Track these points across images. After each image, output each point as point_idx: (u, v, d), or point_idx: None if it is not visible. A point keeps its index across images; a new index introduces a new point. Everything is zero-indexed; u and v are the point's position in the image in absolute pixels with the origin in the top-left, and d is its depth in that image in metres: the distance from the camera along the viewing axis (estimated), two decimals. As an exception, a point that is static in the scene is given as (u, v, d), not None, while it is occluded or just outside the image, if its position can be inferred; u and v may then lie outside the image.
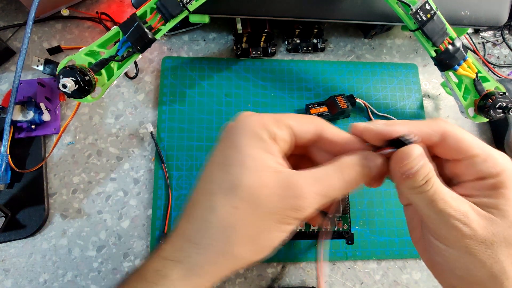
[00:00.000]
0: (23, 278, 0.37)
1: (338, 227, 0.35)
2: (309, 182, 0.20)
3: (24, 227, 0.38)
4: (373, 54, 0.49)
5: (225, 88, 0.44)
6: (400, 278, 0.40)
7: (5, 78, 0.43)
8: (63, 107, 0.43)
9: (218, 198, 0.19)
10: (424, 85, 0.48)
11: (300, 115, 0.23)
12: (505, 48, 0.52)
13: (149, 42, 0.33)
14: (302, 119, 0.23)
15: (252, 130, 0.20)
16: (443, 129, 0.21)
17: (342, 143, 0.22)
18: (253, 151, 0.20)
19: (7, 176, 0.36)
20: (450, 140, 0.21)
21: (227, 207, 0.19)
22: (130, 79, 0.44)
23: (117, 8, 0.47)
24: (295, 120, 0.22)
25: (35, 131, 0.40)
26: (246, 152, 0.20)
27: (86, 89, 0.32)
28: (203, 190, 0.21)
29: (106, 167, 0.41)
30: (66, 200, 0.40)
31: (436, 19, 0.34)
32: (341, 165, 0.21)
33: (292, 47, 0.47)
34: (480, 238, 0.19)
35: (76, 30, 0.46)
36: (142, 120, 0.43)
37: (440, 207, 0.19)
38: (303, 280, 0.39)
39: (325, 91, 0.45)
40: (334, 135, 0.22)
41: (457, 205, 0.20)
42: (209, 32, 0.47)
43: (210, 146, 0.42)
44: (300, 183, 0.19)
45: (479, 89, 0.37)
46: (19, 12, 0.46)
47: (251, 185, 0.19)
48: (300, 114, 0.26)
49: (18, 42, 0.45)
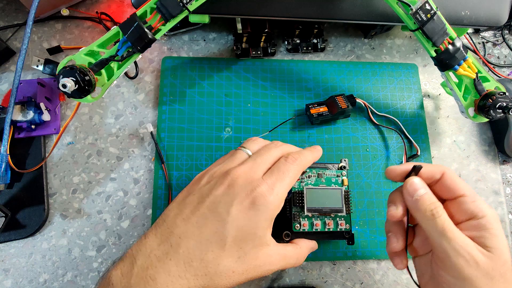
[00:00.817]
0: (23, 278, 0.37)
1: (340, 226, 0.35)
2: (278, 260, 0.28)
3: (24, 227, 0.38)
4: (373, 54, 0.49)
5: (225, 88, 0.44)
6: (400, 278, 0.40)
7: (5, 78, 0.43)
8: (63, 107, 0.43)
9: (225, 262, 0.25)
10: (424, 85, 0.48)
11: None
12: (505, 48, 0.52)
13: (149, 42, 0.33)
14: None
15: (271, 216, 0.27)
16: (443, 170, 0.27)
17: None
18: (264, 231, 0.26)
19: (7, 176, 0.36)
20: (447, 179, 0.27)
21: (229, 271, 0.25)
22: (130, 79, 0.44)
23: (117, 8, 0.47)
24: None
25: (35, 131, 0.40)
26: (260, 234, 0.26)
27: (86, 89, 0.32)
28: (213, 246, 0.25)
29: (106, 167, 0.41)
30: (66, 200, 0.40)
31: (436, 19, 0.34)
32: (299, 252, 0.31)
33: (292, 47, 0.47)
34: (483, 271, 0.23)
35: (76, 30, 0.46)
36: (142, 120, 0.43)
37: (450, 236, 0.24)
38: (303, 280, 0.39)
39: (325, 91, 0.45)
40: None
41: (464, 238, 0.24)
42: (209, 32, 0.47)
43: (210, 146, 0.42)
44: (274, 262, 0.27)
45: (479, 89, 0.37)
46: (19, 12, 0.46)
47: (251, 258, 0.26)
48: None
49: (18, 42, 0.45)
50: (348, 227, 0.35)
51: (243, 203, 0.25)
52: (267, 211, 0.26)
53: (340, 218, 0.35)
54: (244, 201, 0.25)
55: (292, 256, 0.30)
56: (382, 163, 0.43)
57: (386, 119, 0.45)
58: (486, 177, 0.45)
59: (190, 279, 0.23)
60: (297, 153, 0.30)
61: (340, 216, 0.35)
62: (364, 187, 0.42)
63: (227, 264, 0.24)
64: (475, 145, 0.46)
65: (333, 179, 0.36)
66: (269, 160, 0.29)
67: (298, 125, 0.44)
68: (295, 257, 0.30)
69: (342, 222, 0.35)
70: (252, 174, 0.27)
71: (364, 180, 0.42)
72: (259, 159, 0.28)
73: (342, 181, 0.36)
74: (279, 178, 0.27)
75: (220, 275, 0.24)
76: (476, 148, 0.46)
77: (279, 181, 0.27)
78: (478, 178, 0.44)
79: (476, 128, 0.47)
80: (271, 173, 0.28)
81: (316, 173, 0.36)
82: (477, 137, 0.46)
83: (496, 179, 0.45)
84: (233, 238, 0.25)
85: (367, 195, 0.42)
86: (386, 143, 0.44)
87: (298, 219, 0.34)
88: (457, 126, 0.46)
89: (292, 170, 0.28)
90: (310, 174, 0.36)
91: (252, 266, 0.26)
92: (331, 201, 0.35)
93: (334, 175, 0.36)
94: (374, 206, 0.41)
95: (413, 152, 0.43)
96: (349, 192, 0.36)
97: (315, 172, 0.36)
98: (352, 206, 0.36)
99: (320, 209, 0.34)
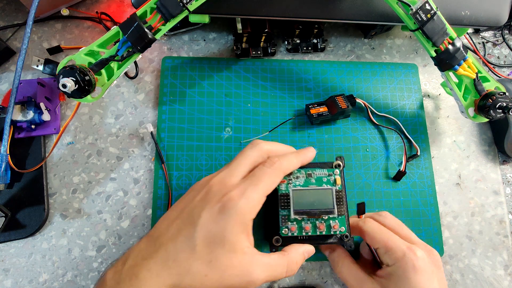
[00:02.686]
0: (23, 278, 0.37)
1: (333, 229, 0.32)
2: (261, 270, 0.27)
3: (24, 227, 0.38)
4: (373, 54, 0.49)
5: (225, 88, 0.44)
6: (400, 278, 0.40)
7: (5, 78, 0.43)
8: (63, 107, 0.43)
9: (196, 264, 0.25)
10: (424, 85, 0.48)
11: None
12: (505, 48, 0.52)
13: (149, 42, 0.33)
14: None
15: (242, 220, 0.26)
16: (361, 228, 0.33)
17: None
18: (236, 236, 0.26)
19: (7, 176, 0.36)
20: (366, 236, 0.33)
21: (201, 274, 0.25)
22: (130, 79, 0.44)
23: (117, 8, 0.47)
24: None
25: (35, 131, 0.40)
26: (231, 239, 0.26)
27: (86, 89, 0.32)
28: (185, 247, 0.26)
29: (106, 167, 0.41)
30: (66, 200, 0.40)
31: (436, 19, 0.34)
32: (288, 259, 0.29)
33: (292, 47, 0.47)
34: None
35: (76, 30, 0.46)
36: (142, 120, 0.43)
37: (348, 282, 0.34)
38: (303, 280, 0.39)
39: (325, 91, 0.45)
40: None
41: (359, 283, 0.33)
42: (209, 32, 0.47)
43: (210, 146, 0.42)
44: (255, 272, 0.26)
45: (479, 89, 0.37)
46: (19, 12, 0.46)
47: (223, 263, 0.25)
48: None
49: (18, 42, 0.45)
50: (343, 230, 0.32)
51: (213, 208, 0.26)
52: (236, 215, 0.26)
53: (333, 220, 0.32)
54: (214, 206, 0.26)
55: (279, 265, 0.28)
56: (382, 163, 0.43)
57: (386, 119, 0.45)
58: (486, 177, 0.45)
59: (165, 277, 0.25)
60: (277, 156, 0.30)
61: (333, 218, 0.32)
62: (364, 187, 0.42)
63: (198, 266, 0.25)
64: (475, 145, 0.46)
65: (325, 179, 0.33)
66: (246, 165, 0.29)
67: (298, 125, 0.44)
68: (283, 266, 0.28)
69: (336, 225, 0.32)
70: (227, 180, 0.28)
71: (364, 180, 0.42)
72: (234, 164, 0.29)
73: (334, 180, 0.33)
74: (252, 182, 0.27)
75: (192, 276, 0.25)
76: (476, 148, 0.46)
77: (252, 185, 0.27)
78: (478, 178, 0.44)
79: (476, 128, 0.47)
80: (246, 178, 0.28)
81: (305, 173, 0.33)
82: (477, 137, 0.46)
83: (496, 179, 0.45)
84: (202, 241, 0.26)
85: (367, 195, 0.42)
86: (386, 143, 0.44)
87: (286, 223, 0.32)
88: (457, 126, 0.46)
89: (268, 174, 0.28)
90: (298, 174, 0.33)
91: (227, 274, 0.25)
92: (320, 202, 0.32)
93: (325, 174, 0.33)
94: (374, 206, 0.41)
95: (413, 152, 0.43)
96: (343, 192, 0.33)
97: (304, 173, 0.33)
98: (350, 206, 0.35)
99: (309, 211, 0.32)
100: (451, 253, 0.41)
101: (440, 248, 0.41)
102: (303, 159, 0.32)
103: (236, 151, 0.42)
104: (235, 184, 0.27)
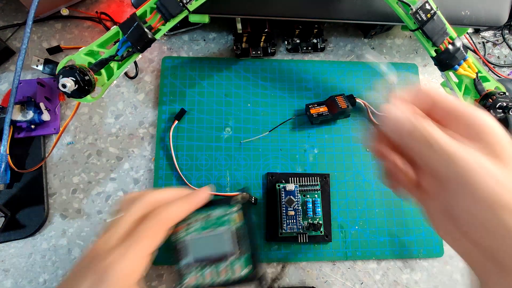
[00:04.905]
0: (23, 278, 0.37)
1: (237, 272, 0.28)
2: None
3: (24, 227, 0.38)
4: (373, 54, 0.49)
5: (225, 88, 0.44)
6: (400, 278, 0.40)
7: (4, 78, 0.43)
8: (63, 107, 0.43)
9: None
10: (424, 85, 0.48)
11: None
12: (505, 48, 0.52)
13: (149, 42, 0.33)
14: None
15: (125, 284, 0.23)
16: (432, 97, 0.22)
17: None
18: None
19: (7, 176, 0.36)
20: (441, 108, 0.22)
21: None
22: (130, 79, 0.44)
23: (117, 8, 0.47)
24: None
25: (35, 131, 0.40)
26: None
27: (86, 89, 0.32)
28: None
29: (106, 167, 0.41)
30: (66, 200, 0.40)
31: (436, 19, 0.34)
32: None
33: (292, 47, 0.47)
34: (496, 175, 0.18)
35: (75, 30, 0.46)
36: (142, 120, 0.43)
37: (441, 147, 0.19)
38: (303, 280, 0.39)
39: (325, 91, 0.45)
40: None
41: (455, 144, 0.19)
42: (209, 32, 0.47)
43: (210, 146, 0.42)
44: None
45: (479, 89, 0.37)
46: (18, 12, 0.46)
47: None
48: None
49: (18, 42, 0.45)
50: (247, 272, 0.28)
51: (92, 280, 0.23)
52: (117, 281, 0.23)
53: (236, 261, 0.29)
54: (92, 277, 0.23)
55: None
56: (382, 163, 0.43)
57: (386, 119, 0.45)
58: (486, 177, 0.44)
59: None
60: (163, 206, 0.26)
61: (234, 260, 0.29)
62: (364, 187, 0.42)
63: None
64: (475, 145, 0.46)
65: (225, 218, 0.30)
66: (127, 222, 0.25)
67: (298, 125, 0.44)
68: None
69: (239, 267, 0.29)
70: (105, 246, 0.24)
71: (364, 180, 0.42)
72: (112, 226, 0.25)
73: (233, 218, 0.30)
74: (133, 242, 0.24)
75: None
76: (476, 148, 0.46)
77: (133, 245, 0.24)
78: (478, 178, 0.44)
79: (476, 128, 0.47)
80: (126, 239, 0.25)
81: (205, 215, 0.30)
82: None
83: (496, 179, 0.45)
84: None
85: (367, 195, 0.42)
86: (386, 143, 0.44)
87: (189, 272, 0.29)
88: (457, 126, 0.46)
89: (151, 229, 0.25)
90: (197, 217, 0.30)
91: None
92: (220, 246, 0.29)
93: (223, 213, 0.30)
94: (374, 206, 0.41)
95: (413, 152, 0.43)
96: (245, 229, 0.29)
97: (204, 215, 0.30)
98: (350, 206, 0.34)
99: (209, 257, 0.29)
100: (451, 253, 0.41)
101: (440, 248, 0.41)
102: (195, 202, 0.28)
103: (236, 151, 0.42)
104: (113, 248, 0.24)
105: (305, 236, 0.39)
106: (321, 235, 0.39)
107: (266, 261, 0.39)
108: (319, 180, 0.40)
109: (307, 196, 0.40)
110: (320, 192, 0.40)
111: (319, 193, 0.40)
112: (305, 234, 0.39)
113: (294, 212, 0.38)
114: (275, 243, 0.39)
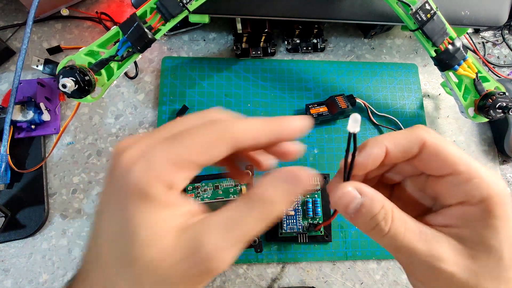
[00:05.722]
0: (23, 278, 0.37)
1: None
2: (220, 235, 0.15)
3: (24, 227, 0.38)
4: (373, 54, 0.49)
5: (225, 88, 0.44)
6: (400, 278, 0.40)
7: (5, 78, 0.43)
8: (63, 107, 0.43)
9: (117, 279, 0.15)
10: (424, 85, 0.48)
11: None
12: (505, 48, 0.52)
13: (149, 42, 0.33)
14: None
15: (138, 191, 0.15)
16: (421, 139, 0.18)
17: None
18: (146, 216, 0.15)
19: (7, 176, 0.36)
20: (429, 152, 0.18)
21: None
22: (130, 79, 0.44)
23: (117, 8, 0.47)
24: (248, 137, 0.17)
25: (35, 131, 0.40)
26: (137, 222, 0.15)
27: (86, 89, 0.32)
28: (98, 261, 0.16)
29: (106, 167, 0.41)
30: (66, 200, 0.40)
31: (436, 19, 0.34)
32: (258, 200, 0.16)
33: (292, 47, 0.47)
34: (459, 282, 0.17)
35: (76, 30, 0.46)
36: (142, 120, 0.43)
37: (408, 250, 0.17)
38: (303, 280, 0.39)
39: (325, 91, 0.45)
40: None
41: (428, 246, 0.17)
42: (209, 32, 0.47)
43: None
44: (210, 241, 0.15)
45: (479, 89, 0.37)
46: (19, 12, 0.46)
47: (151, 258, 0.15)
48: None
49: (18, 42, 0.45)
50: None
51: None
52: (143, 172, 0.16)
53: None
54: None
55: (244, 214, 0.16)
56: (382, 163, 0.43)
57: (386, 119, 0.45)
58: (486, 177, 0.45)
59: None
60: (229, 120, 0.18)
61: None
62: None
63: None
64: (475, 145, 0.46)
65: (231, 189, 0.34)
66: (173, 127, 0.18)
67: (298, 125, 0.44)
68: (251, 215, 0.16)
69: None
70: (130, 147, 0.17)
71: (364, 180, 0.42)
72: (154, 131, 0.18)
73: (240, 190, 0.34)
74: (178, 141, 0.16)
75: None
76: (476, 148, 0.46)
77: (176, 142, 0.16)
78: (478, 178, 0.44)
79: (476, 128, 0.47)
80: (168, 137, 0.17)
81: (213, 185, 0.34)
82: (477, 137, 0.46)
83: (496, 179, 0.45)
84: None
85: (367, 195, 0.42)
86: (386, 143, 0.44)
87: None
88: (457, 126, 0.46)
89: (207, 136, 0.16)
90: (206, 187, 0.33)
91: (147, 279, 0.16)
92: None
93: (232, 185, 0.34)
94: (374, 206, 0.41)
95: (413, 152, 0.43)
96: None
97: (212, 185, 0.34)
98: None
99: None
100: (451, 253, 0.41)
101: (440, 248, 0.41)
102: (277, 128, 0.17)
103: (236, 151, 0.42)
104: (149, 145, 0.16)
105: (305, 236, 0.39)
106: (321, 235, 0.39)
107: (266, 261, 0.39)
108: (319, 180, 0.40)
109: (307, 196, 0.40)
110: (320, 192, 0.40)
111: (319, 193, 0.40)
112: (305, 234, 0.39)
113: (294, 212, 0.38)
114: (275, 243, 0.39)
